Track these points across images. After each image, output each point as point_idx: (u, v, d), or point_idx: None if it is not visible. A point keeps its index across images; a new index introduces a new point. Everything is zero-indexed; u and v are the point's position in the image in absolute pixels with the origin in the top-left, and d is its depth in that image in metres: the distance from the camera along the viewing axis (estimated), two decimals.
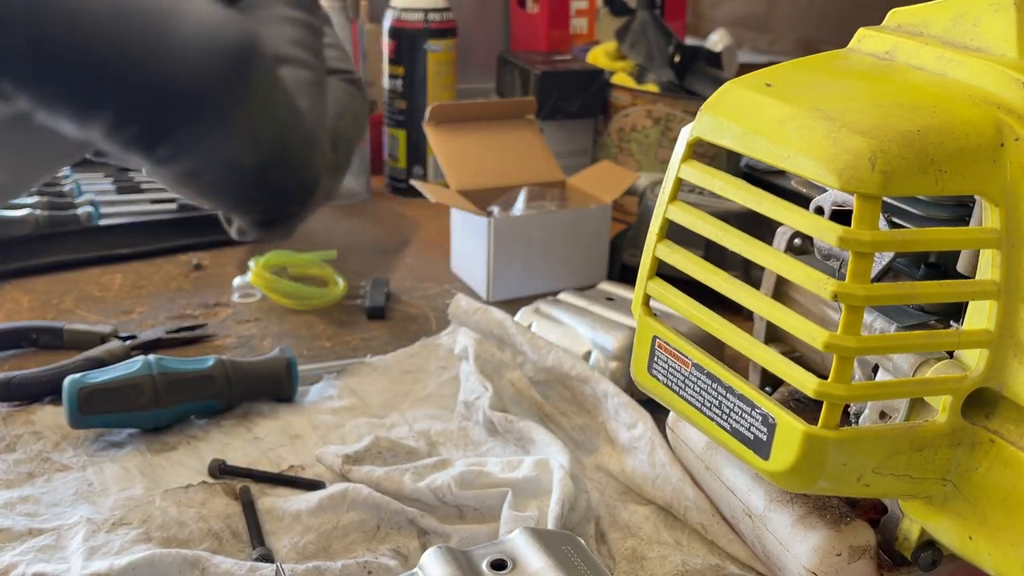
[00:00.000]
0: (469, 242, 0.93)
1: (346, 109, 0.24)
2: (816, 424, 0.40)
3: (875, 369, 0.48)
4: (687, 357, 0.47)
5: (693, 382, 0.47)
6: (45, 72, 0.16)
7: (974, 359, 0.42)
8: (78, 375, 0.63)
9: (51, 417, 0.66)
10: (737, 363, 0.56)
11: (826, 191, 0.49)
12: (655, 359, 0.49)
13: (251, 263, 0.88)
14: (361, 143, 0.25)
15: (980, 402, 0.42)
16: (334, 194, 0.23)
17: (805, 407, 0.49)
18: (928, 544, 0.47)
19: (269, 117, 0.18)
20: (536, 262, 0.91)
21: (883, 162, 0.38)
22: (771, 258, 0.42)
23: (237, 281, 0.89)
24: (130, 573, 0.50)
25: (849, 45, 0.50)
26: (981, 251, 0.41)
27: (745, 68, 1.13)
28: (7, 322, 0.79)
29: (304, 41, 0.22)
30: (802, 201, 0.47)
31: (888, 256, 0.47)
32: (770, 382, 0.60)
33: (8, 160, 0.23)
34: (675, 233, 0.48)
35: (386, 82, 1.18)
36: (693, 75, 1.24)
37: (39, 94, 0.17)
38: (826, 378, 0.40)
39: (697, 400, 0.47)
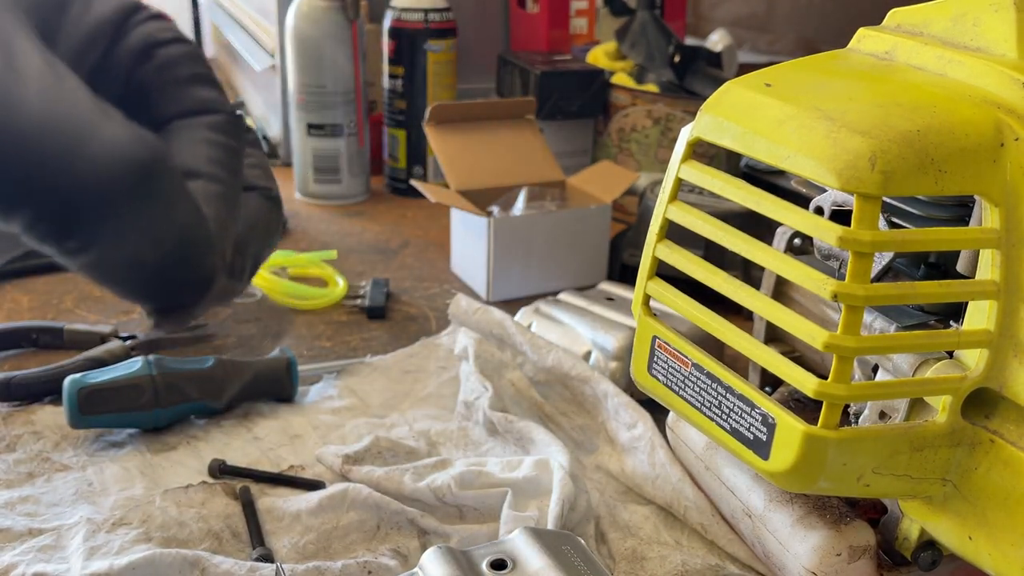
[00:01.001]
0: (469, 242, 0.93)
1: (259, 221, 0.27)
2: (816, 424, 0.40)
3: (875, 369, 0.48)
4: (687, 357, 0.47)
5: (693, 382, 0.47)
6: None
7: (974, 359, 0.42)
8: (78, 375, 0.63)
9: (51, 417, 0.66)
10: (737, 363, 0.56)
11: (826, 191, 0.49)
12: (655, 359, 0.49)
13: None
14: (270, 251, 0.29)
15: (980, 402, 0.42)
16: (233, 294, 0.26)
17: (805, 407, 0.49)
18: (928, 544, 0.47)
19: (171, 222, 0.22)
20: (536, 262, 0.92)
21: (883, 162, 0.38)
22: (771, 258, 0.42)
23: None
24: (130, 573, 0.50)
25: (849, 45, 0.50)
26: (981, 251, 0.41)
27: (745, 68, 1.13)
28: (7, 322, 0.79)
29: (220, 160, 0.26)
30: (802, 201, 0.47)
31: (888, 256, 0.47)
32: (770, 382, 0.60)
33: None
34: (675, 233, 0.48)
35: (386, 82, 1.18)
36: (693, 75, 1.24)
37: None
38: (826, 378, 0.40)
39: (697, 400, 0.47)
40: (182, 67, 0.27)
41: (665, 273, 0.49)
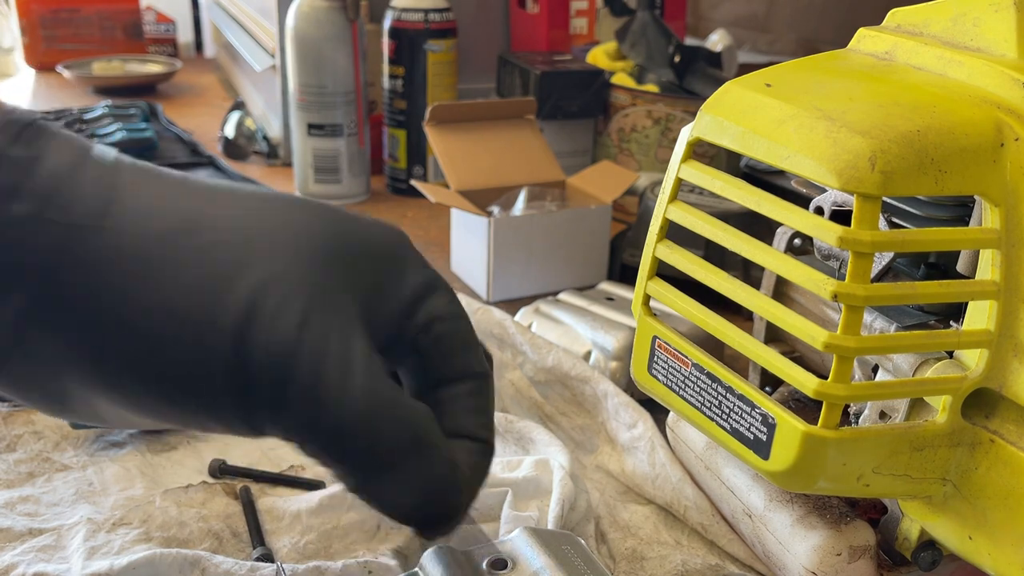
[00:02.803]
0: (469, 242, 0.93)
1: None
2: (816, 424, 0.40)
3: (875, 369, 0.48)
4: (687, 357, 0.47)
5: (693, 382, 0.47)
6: (308, 442, 0.31)
7: (974, 359, 0.42)
8: None
9: (51, 417, 0.66)
10: (737, 363, 0.56)
11: (826, 191, 0.49)
12: (655, 359, 0.49)
13: None
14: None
15: (980, 402, 0.42)
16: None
17: (805, 407, 0.49)
18: (928, 544, 0.47)
19: (431, 477, 0.32)
20: (536, 262, 0.92)
21: (883, 162, 0.38)
22: (771, 258, 0.42)
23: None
24: (130, 573, 0.50)
25: (849, 45, 0.50)
26: (981, 251, 0.41)
27: (745, 68, 1.13)
28: None
29: (483, 424, 0.35)
30: (802, 201, 0.47)
31: (888, 256, 0.47)
32: (770, 382, 0.60)
33: None
34: (675, 233, 0.48)
35: (386, 82, 1.18)
36: (693, 75, 1.24)
37: (300, 448, 0.32)
38: (826, 378, 0.40)
39: (697, 400, 0.47)
40: (455, 339, 0.33)
41: (665, 273, 0.49)
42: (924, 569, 0.47)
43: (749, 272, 0.80)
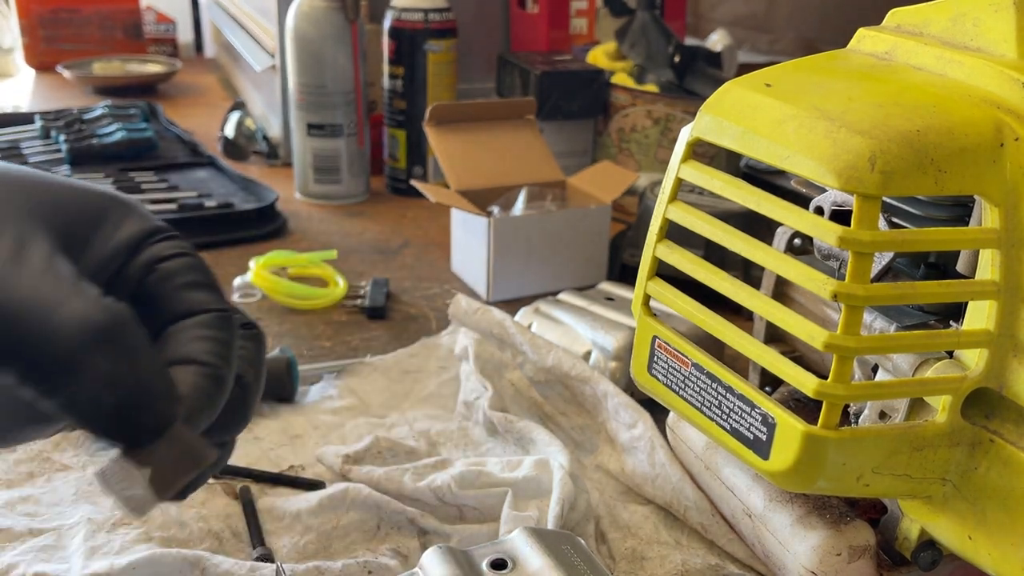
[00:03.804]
0: (469, 242, 0.93)
1: (231, 405, 0.32)
2: (816, 424, 0.40)
3: (875, 369, 0.48)
4: (687, 357, 0.47)
5: (693, 382, 0.47)
6: None
7: (974, 359, 0.42)
8: None
9: None
10: (737, 363, 0.56)
11: (826, 191, 0.49)
12: (655, 359, 0.49)
13: (252, 263, 0.88)
14: (237, 430, 0.34)
15: (980, 402, 0.42)
16: (203, 458, 0.31)
17: (805, 407, 0.49)
18: (928, 544, 0.47)
19: (129, 373, 0.28)
20: (536, 262, 0.92)
21: (883, 162, 0.38)
22: (771, 258, 0.42)
23: (237, 281, 0.90)
24: (130, 573, 0.50)
25: (849, 45, 0.50)
26: (981, 251, 0.41)
27: (745, 68, 1.13)
28: None
29: (211, 350, 0.31)
30: (802, 201, 0.47)
31: (888, 256, 0.47)
32: (770, 382, 0.60)
33: None
34: (675, 233, 0.48)
35: (386, 82, 1.18)
36: (693, 75, 1.24)
37: None
38: (826, 378, 0.40)
39: (697, 400, 0.47)
40: (178, 277, 0.32)
41: (665, 273, 0.49)
42: (924, 569, 0.47)
43: (749, 272, 0.80)
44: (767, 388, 0.59)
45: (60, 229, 0.30)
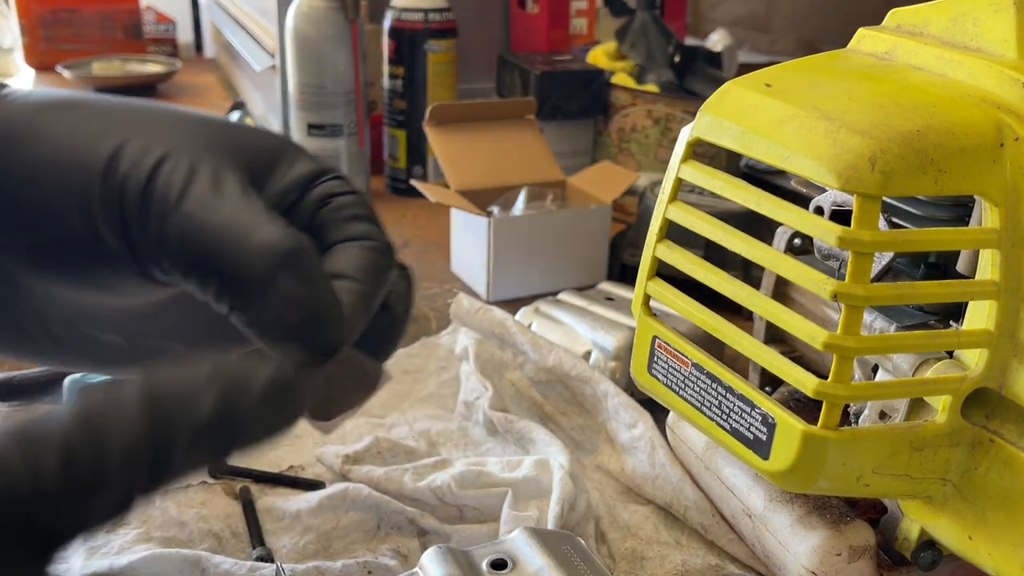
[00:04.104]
0: (469, 242, 0.93)
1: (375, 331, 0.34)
2: (816, 424, 0.40)
3: (875, 369, 0.48)
4: (687, 357, 0.47)
5: (693, 382, 0.47)
6: (185, 260, 0.30)
7: (974, 359, 0.42)
8: (78, 375, 0.63)
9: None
10: (737, 363, 0.56)
11: (826, 191, 0.49)
12: (655, 359, 0.49)
13: None
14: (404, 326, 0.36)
15: (980, 402, 0.42)
16: (361, 378, 0.33)
17: (805, 407, 0.49)
18: (928, 544, 0.47)
19: (309, 296, 0.30)
20: (536, 262, 0.92)
21: (883, 162, 0.38)
22: (771, 258, 0.42)
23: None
24: (130, 573, 0.50)
25: (849, 45, 0.50)
26: (981, 251, 0.41)
27: (745, 68, 1.13)
28: None
29: (365, 269, 0.32)
30: (802, 201, 0.47)
31: (888, 256, 0.47)
32: (770, 382, 0.60)
33: (184, 337, 0.37)
34: (675, 233, 0.48)
35: (386, 82, 1.18)
36: (693, 75, 1.24)
37: (182, 272, 0.30)
38: (826, 378, 0.40)
39: (697, 400, 0.47)
40: (348, 209, 0.33)
41: (665, 273, 0.49)
42: (924, 569, 0.47)
43: (749, 272, 0.80)
44: (767, 388, 0.59)
45: (244, 165, 0.32)
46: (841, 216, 0.47)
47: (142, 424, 0.25)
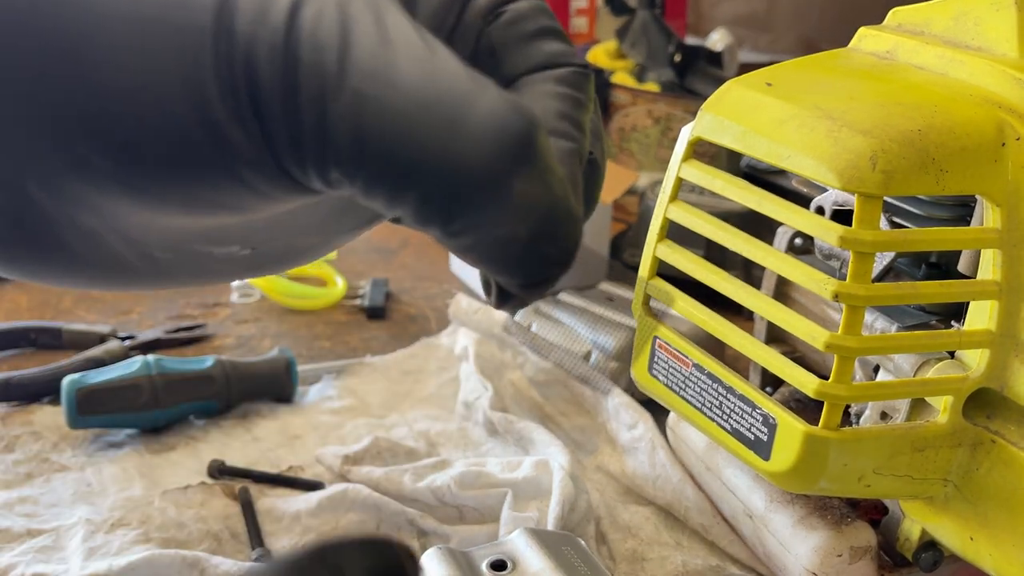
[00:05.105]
0: None
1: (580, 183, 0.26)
2: (817, 424, 0.40)
3: (876, 369, 0.48)
4: (687, 357, 0.47)
5: (693, 382, 0.47)
6: (366, 164, 0.20)
7: (975, 359, 0.42)
8: (77, 375, 0.63)
9: (50, 417, 0.66)
10: (738, 363, 0.55)
11: (827, 191, 0.49)
12: (655, 359, 0.49)
13: None
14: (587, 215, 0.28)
15: (981, 402, 0.42)
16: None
17: (806, 407, 0.49)
18: (929, 545, 0.47)
19: (545, 195, 0.21)
20: None
21: (884, 162, 0.38)
22: (772, 258, 0.42)
23: (236, 281, 0.89)
24: (129, 574, 0.50)
25: (850, 44, 0.50)
26: (982, 251, 0.41)
27: (746, 67, 1.13)
28: (6, 322, 0.79)
29: (569, 115, 0.25)
30: (803, 201, 0.47)
31: (889, 256, 0.46)
32: (771, 382, 0.60)
33: (321, 227, 0.27)
34: (675, 233, 0.47)
35: None
36: (694, 74, 1.24)
37: (360, 183, 0.20)
38: (827, 378, 0.40)
39: (697, 400, 0.46)
40: (528, 22, 0.26)
41: (665, 273, 0.49)
42: (925, 570, 0.47)
43: (750, 272, 0.80)
44: (768, 388, 0.59)
45: None
46: (842, 216, 0.47)
47: None
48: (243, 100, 0.19)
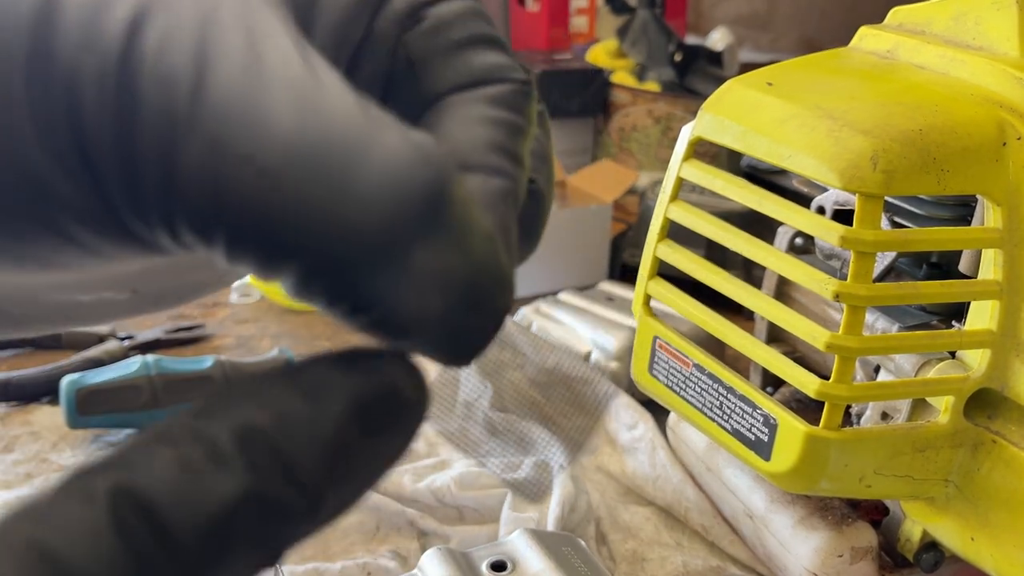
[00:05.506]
0: None
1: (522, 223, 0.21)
2: (818, 425, 0.40)
3: (876, 369, 0.48)
4: (688, 358, 0.47)
5: (694, 383, 0.47)
6: (225, 226, 0.16)
7: (976, 359, 0.41)
8: (76, 375, 0.63)
9: (49, 418, 0.66)
10: (738, 363, 0.55)
11: (828, 190, 0.49)
12: (656, 360, 0.49)
13: None
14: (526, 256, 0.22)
15: (982, 403, 0.42)
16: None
17: (807, 407, 0.49)
18: (930, 545, 0.47)
19: (461, 264, 0.17)
20: (536, 262, 0.91)
21: (885, 161, 0.38)
22: (772, 258, 0.42)
23: (236, 281, 0.89)
24: None
25: (850, 44, 0.50)
26: (983, 251, 0.41)
27: (746, 67, 1.13)
28: None
29: (502, 145, 0.20)
30: (804, 201, 0.47)
31: (890, 256, 0.46)
32: (771, 382, 0.60)
33: (211, 261, 0.21)
34: (676, 233, 0.47)
35: None
36: (694, 74, 1.24)
37: (221, 248, 0.16)
38: (828, 378, 0.40)
39: (698, 401, 0.46)
40: (455, 29, 0.20)
41: (666, 273, 0.49)
42: (926, 571, 0.47)
43: (751, 271, 0.80)
44: (768, 388, 0.59)
45: None
46: (843, 216, 0.47)
47: None
48: (66, 143, 0.15)
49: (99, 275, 0.20)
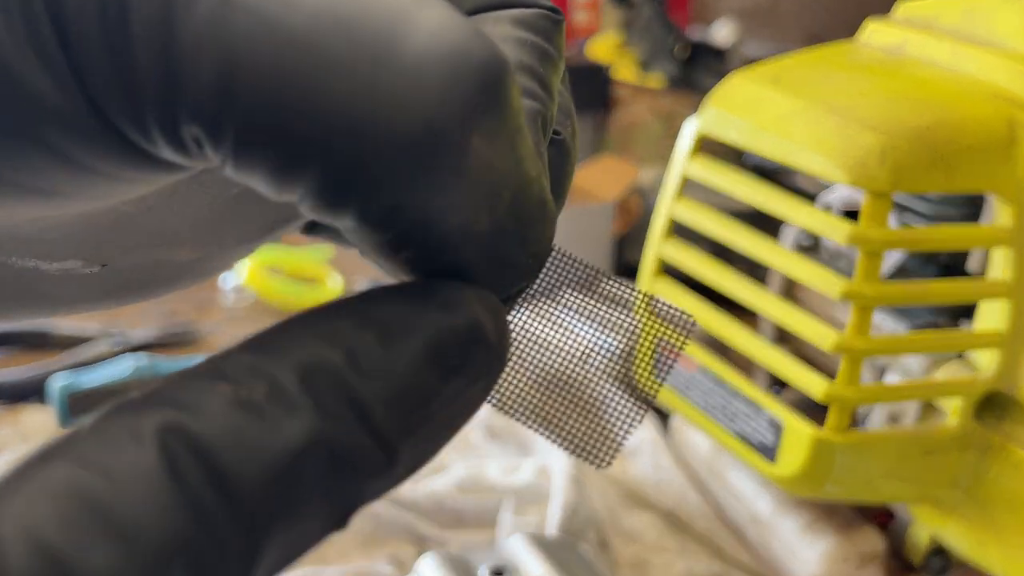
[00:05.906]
0: None
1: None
2: (823, 427, 0.39)
3: (881, 372, 0.47)
4: (692, 359, 0.46)
5: (698, 384, 0.46)
6: (239, 115, 0.12)
7: (986, 360, 0.41)
8: (68, 380, 0.62)
9: (38, 419, 0.65)
10: (743, 362, 0.55)
11: (834, 188, 0.48)
12: (659, 361, 0.48)
13: (245, 261, 0.87)
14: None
15: (991, 405, 0.42)
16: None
17: (814, 409, 0.48)
18: (938, 550, 0.46)
19: (515, 168, 0.14)
20: None
21: (893, 158, 0.37)
22: (778, 257, 0.41)
23: (230, 281, 0.89)
24: None
25: (856, 37, 0.49)
26: (992, 249, 0.41)
27: (750, 61, 1.13)
28: None
29: (533, 69, 0.18)
30: (809, 200, 0.46)
31: (899, 255, 0.46)
32: (778, 381, 0.59)
33: (197, 231, 0.19)
34: (678, 231, 0.47)
35: None
36: (698, 68, 1.23)
37: (230, 146, 0.13)
38: (834, 378, 0.39)
39: (702, 403, 0.46)
40: None
41: (669, 272, 0.48)
42: (934, 575, 0.46)
43: (755, 269, 0.79)
44: (776, 387, 0.58)
45: None
46: (850, 217, 0.46)
47: None
48: (41, 23, 0.13)
49: (64, 234, 0.17)
